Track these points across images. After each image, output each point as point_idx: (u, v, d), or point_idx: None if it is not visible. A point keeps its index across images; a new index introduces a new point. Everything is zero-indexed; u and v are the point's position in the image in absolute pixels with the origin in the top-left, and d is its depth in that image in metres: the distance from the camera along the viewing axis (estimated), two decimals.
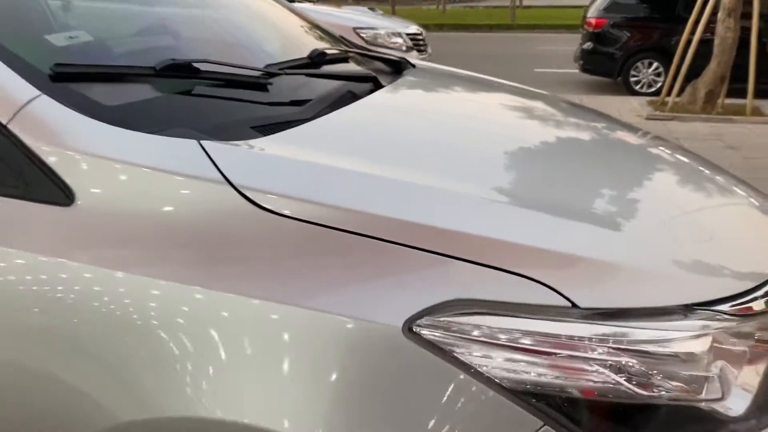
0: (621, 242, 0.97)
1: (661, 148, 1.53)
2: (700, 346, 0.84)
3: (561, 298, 0.83)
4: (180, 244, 0.87)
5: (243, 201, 0.88)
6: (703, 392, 0.82)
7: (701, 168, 1.43)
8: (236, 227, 0.87)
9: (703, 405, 0.82)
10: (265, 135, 1.05)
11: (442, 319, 0.81)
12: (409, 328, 0.80)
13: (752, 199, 1.30)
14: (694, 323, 0.85)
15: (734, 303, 0.90)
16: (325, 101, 1.29)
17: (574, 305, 0.83)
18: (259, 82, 1.23)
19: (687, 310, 0.87)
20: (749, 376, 0.87)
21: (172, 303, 0.85)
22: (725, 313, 0.88)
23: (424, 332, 0.80)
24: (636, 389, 0.79)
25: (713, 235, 1.09)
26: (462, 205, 0.95)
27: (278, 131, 1.08)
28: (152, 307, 0.85)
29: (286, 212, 0.87)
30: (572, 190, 1.12)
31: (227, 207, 0.88)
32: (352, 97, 1.36)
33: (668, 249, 0.99)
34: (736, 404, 0.84)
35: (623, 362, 0.80)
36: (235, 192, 0.89)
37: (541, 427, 0.79)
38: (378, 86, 1.49)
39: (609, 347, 0.81)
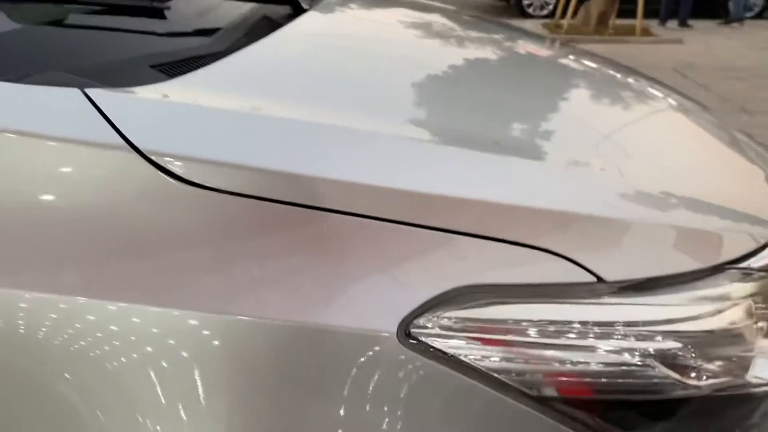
0: (620, 194, 0.79)
1: (608, 68, 1.38)
2: (743, 313, 0.70)
3: (584, 271, 0.65)
4: (61, 239, 0.61)
5: (153, 172, 0.63)
6: (751, 372, 0.69)
7: (664, 92, 1.30)
8: (145, 209, 0.63)
9: (757, 390, 0.68)
10: (171, 77, 0.79)
11: (446, 315, 0.62)
12: (405, 332, 0.61)
13: (722, 130, 1.18)
14: (733, 287, 0.71)
15: (761, 256, 0.76)
16: (240, 29, 1.03)
17: (599, 279, 0.66)
18: (153, 6, 0.94)
19: (718, 271, 0.72)
20: None
21: (62, 323, 0.60)
22: (759, 270, 0.74)
23: (426, 335, 0.61)
24: (689, 381, 0.64)
25: (710, 179, 0.95)
26: (443, 161, 0.74)
27: (189, 71, 0.81)
28: (27, 329, 0.60)
29: (219, 185, 0.63)
30: (543, 129, 0.94)
31: (130, 182, 0.63)
32: (271, 25, 1.10)
33: (675, 197, 0.83)
34: None
35: (668, 348, 0.64)
36: (141, 159, 0.63)
37: None
38: (298, 10, 1.23)
39: (650, 330, 0.65)
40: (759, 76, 5.72)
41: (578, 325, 0.63)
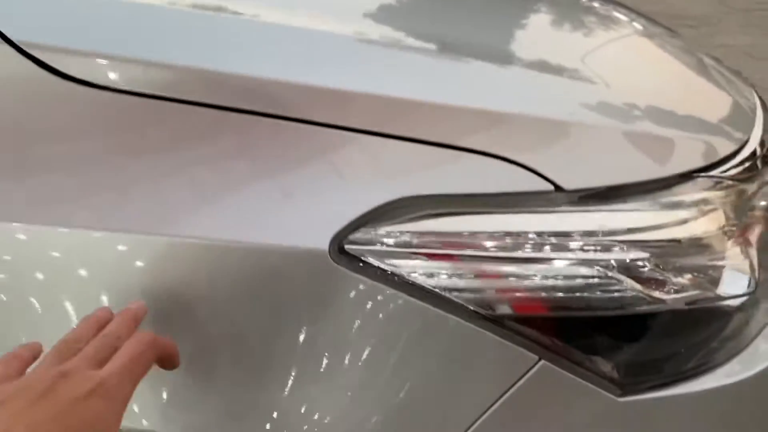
0: (581, 101, 0.71)
1: None
2: (712, 223, 0.63)
3: (540, 179, 0.58)
4: None
5: (31, 67, 0.52)
6: (721, 285, 0.62)
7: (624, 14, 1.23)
8: (25, 112, 0.53)
9: (726, 304, 0.63)
10: None
11: (387, 229, 0.53)
12: (339, 247, 0.52)
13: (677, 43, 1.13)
14: (701, 195, 0.64)
15: (732, 165, 0.70)
16: None
17: (558, 188, 0.58)
18: None
19: (686, 179, 0.65)
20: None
21: None
22: (730, 179, 0.68)
23: (362, 252, 0.53)
24: (656, 294, 0.57)
25: (676, 93, 0.88)
26: (383, 59, 0.65)
27: None
28: None
29: (113, 83, 0.52)
30: (503, 37, 0.85)
31: (3, 78, 0.53)
32: None
33: (639, 108, 0.76)
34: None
35: (632, 258, 0.58)
36: (14, 52, 0.52)
37: (536, 363, 0.55)
38: None
39: (613, 240, 0.58)
40: (710, 24, 5.74)
41: (535, 237, 0.56)
